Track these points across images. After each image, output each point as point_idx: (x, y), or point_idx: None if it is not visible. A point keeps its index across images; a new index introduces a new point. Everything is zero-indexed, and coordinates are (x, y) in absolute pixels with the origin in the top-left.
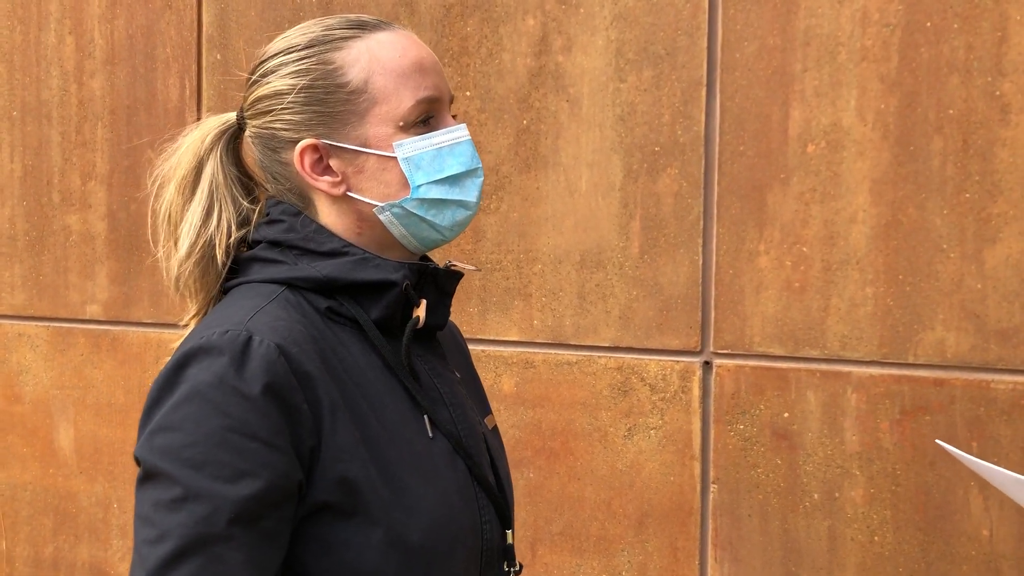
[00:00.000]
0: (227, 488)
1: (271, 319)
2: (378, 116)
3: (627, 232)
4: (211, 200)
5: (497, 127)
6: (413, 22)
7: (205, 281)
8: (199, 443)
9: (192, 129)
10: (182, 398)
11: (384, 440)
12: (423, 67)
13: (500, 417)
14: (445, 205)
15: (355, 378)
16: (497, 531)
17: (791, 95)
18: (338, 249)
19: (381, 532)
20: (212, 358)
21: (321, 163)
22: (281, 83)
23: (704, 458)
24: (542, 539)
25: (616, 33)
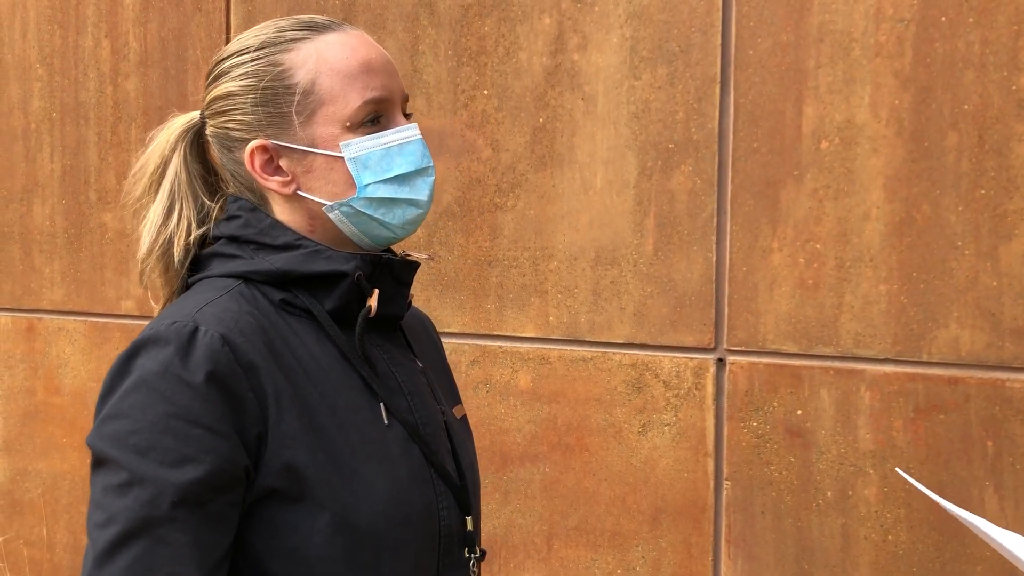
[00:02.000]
0: (171, 472)
1: (219, 311)
2: (325, 117)
3: (641, 229)
4: (172, 198)
5: (514, 125)
6: (432, 22)
7: (168, 277)
8: (144, 429)
9: (160, 129)
10: (130, 387)
11: (334, 427)
12: (371, 67)
13: (516, 413)
14: (395, 204)
15: (307, 367)
16: (455, 517)
17: (805, 91)
18: (292, 242)
19: (328, 516)
20: (159, 348)
21: (271, 163)
22: (233, 84)
23: (718, 455)
24: (557, 533)
25: (631, 31)
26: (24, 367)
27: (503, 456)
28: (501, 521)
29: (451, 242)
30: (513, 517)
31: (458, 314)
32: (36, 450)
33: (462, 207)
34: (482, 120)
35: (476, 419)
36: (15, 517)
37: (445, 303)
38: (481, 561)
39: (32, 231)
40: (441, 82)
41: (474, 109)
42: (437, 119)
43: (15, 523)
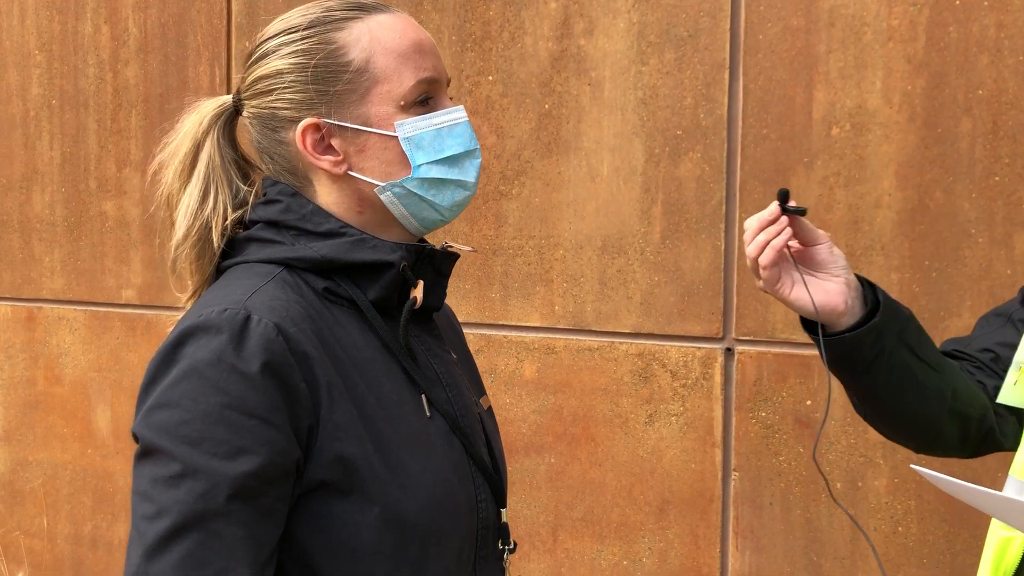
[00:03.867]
0: (225, 465)
1: (269, 298)
2: (379, 95)
3: (649, 217)
4: (207, 182)
5: (519, 112)
6: (436, 7)
7: (201, 263)
8: (196, 420)
9: (190, 113)
10: (180, 375)
11: (382, 419)
12: (422, 48)
13: (521, 403)
14: (444, 185)
15: (352, 358)
16: (492, 509)
17: (815, 77)
18: (335, 230)
19: (377, 509)
20: (210, 336)
21: (323, 142)
22: (282, 62)
23: (726, 445)
24: (563, 524)
25: (638, 15)
26: (24, 357)
27: (508, 447)
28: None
29: (455, 230)
30: (518, 508)
31: (463, 303)
32: (36, 440)
33: None
34: (487, 106)
35: None
36: (15, 507)
37: (449, 292)
38: (512, 553)
39: (32, 219)
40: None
41: (479, 95)
42: None
43: (15, 513)
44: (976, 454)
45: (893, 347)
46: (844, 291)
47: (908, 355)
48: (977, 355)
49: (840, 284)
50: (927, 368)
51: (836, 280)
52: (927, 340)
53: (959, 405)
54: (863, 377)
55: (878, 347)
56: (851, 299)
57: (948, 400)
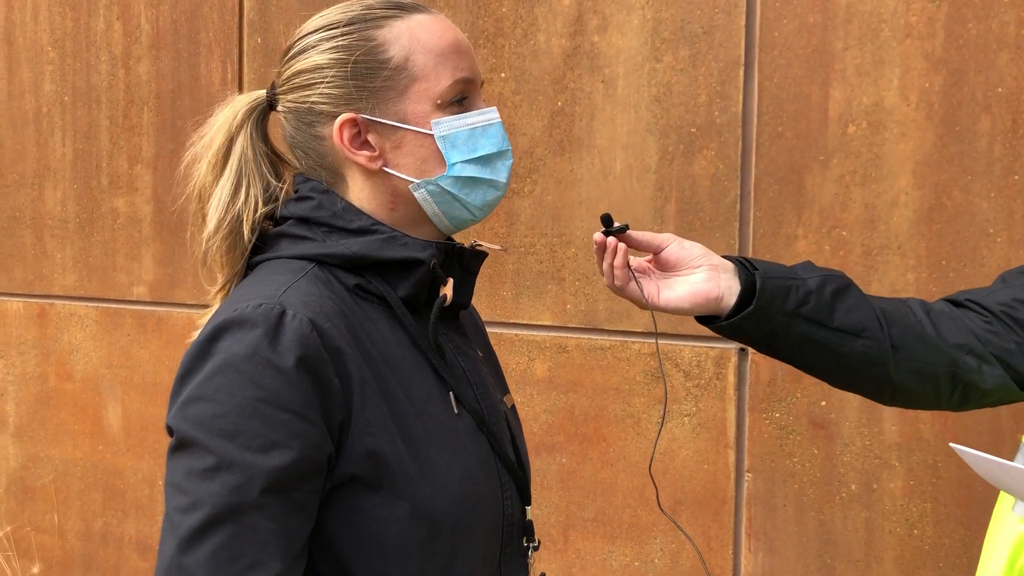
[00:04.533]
0: (259, 458)
1: (303, 294)
2: (417, 93)
3: (662, 215)
4: (240, 176)
5: (531, 109)
6: (449, 3)
7: (231, 256)
8: (231, 413)
9: (223, 107)
10: (215, 369)
11: (411, 415)
12: (460, 49)
13: (533, 402)
14: (477, 184)
15: (383, 354)
16: (517, 507)
17: (832, 74)
18: (367, 227)
19: (407, 505)
20: (245, 330)
21: (359, 137)
22: (322, 57)
23: (739, 446)
24: (574, 525)
25: (652, 12)
26: (36, 353)
27: None
28: None
29: (467, 229)
30: None
31: (474, 301)
32: (48, 436)
33: None
34: (499, 103)
35: None
36: (26, 503)
37: None
38: (536, 550)
39: (44, 216)
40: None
41: (491, 92)
42: None
43: (26, 509)
44: (963, 408)
45: (786, 324)
46: (712, 276)
47: (811, 327)
48: (993, 307)
49: (704, 271)
50: (844, 336)
51: (699, 270)
52: (853, 305)
53: (915, 364)
54: (769, 353)
55: (765, 328)
56: (724, 282)
57: (891, 363)
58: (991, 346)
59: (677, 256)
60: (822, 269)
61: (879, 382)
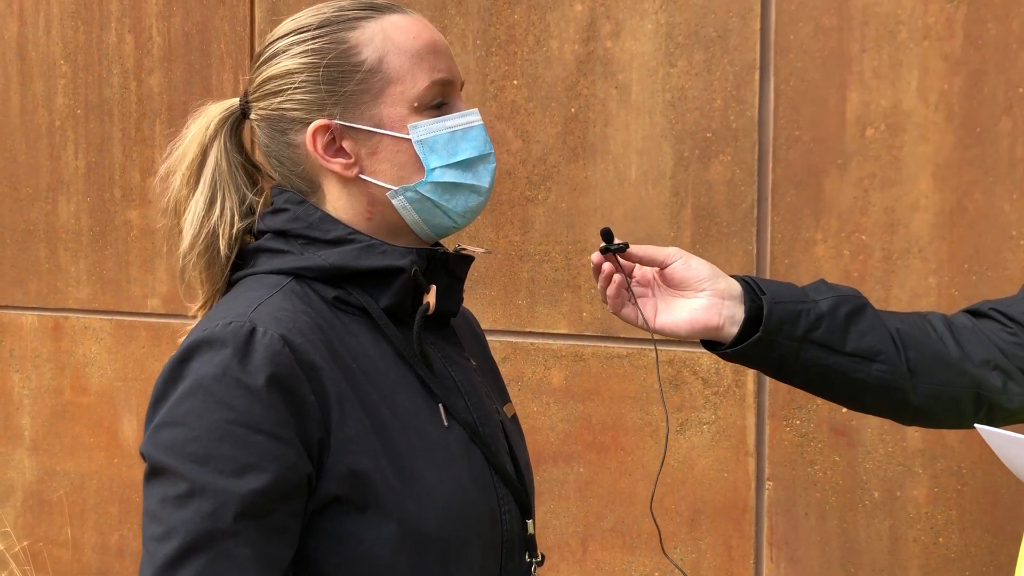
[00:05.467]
0: (233, 482)
1: (275, 309)
2: (392, 96)
3: (678, 221)
4: (214, 189)
5: (545, 116)
6: (460, 11)
7: (211, 273)
8: (203, 437)
9: (196, 117)
10: (185, 392)
11: (396, 430)
12: (437, 49)
13: (549, 411)
14: (458, 190)
15: (364, 368)
16: (517, 521)
17: (849, 77)
18: (344, 237)
19: (394, 524)
20: (215, 350)
21: (334, 144)
22: (293, 62)
23: (759, 454)
24: (593, 535)
25: (666, 17)
26: (51, 366)
27: (536, 455)
28: None
29: (481, 236)
30: (547, 518)
31: (488, 310)
32: (63, 450)
33: (492, 200)
34: (512, 111)
35: None
36: (42, 517)
37: (475, 299)
38: (540, 566)
39: (57, 229)
40: (470, 72)
41: (504, 100)
42: None
43: (42, 523)
44: None
45: (796, 350)
46: (714, 304)
47: (822, 353)
48: (1018, 316)
49: (706, 298)
50: (858, 361)
51: (701, 295)
52: (867, 327)
53: (935, 388)
54: (779, 378)
55: (774, 354)
56: (727, 309)
57: (908, 388)
58: (1016, 359)
59: (682, 276)
60: (836, 288)
61: (897, 407)
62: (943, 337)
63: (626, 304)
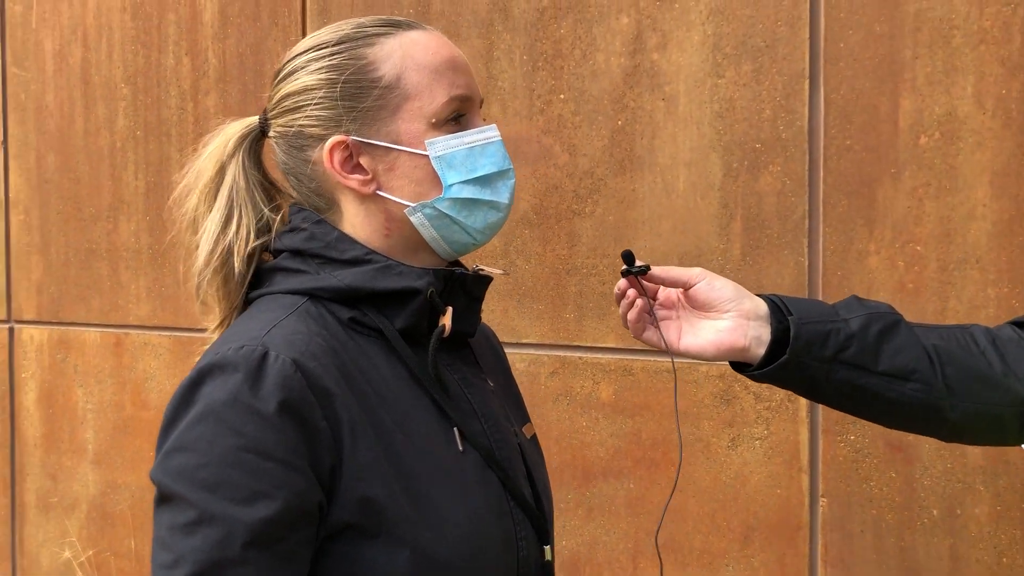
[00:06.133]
0: (242, 511)
1: (288, 332)
2: (410, 112)
3: (728, 233)
4: (231, 207)
5: (591, 129)
6: (507, 27)
7: (226, 290)
8: (213, 464)
9: (214, 135)
10: (196, 417)
11: (410, 455)
12: (455, 65)
13: (598, 426)
14: (477, 206)
15: (379, 391)
16: (534, 547)
17: (901, 84)
18: (360, 257)
19: (408, 551)
20: (227, 375)
21: (351, 161)
22: (310, 79)
23: (813, 470)
24: (643, 552)
25: (713, 27)
26: (112, 382)
27: (585, 471)
28: (584, 538)
29: (528, 250)
30: (597, 534)
31: (536, 324)
32: (125, 463)
33: (539, 214)
34: (559, 125)
35: (556, 433)
36: (106, 529)
37: (523, 313)
38: None
39: (119, 248)
40: (516, 88)
41: (550, 114)
42: (513, 126)
43: (106, 535)
44: None
45: (826, 371)
46: (739, 325)
47: (854, 373)
48: None
49: (731, 319)
50: (891, 380)
51: (726, 316)
52: (901, 345)
53: (974, 406)
54: (810, 398)
55: (803, 375)
56: (753, 330)
57: (946, 406)
58: None
59: (706, 297)
60: (867, 305)
61: (934, 425)
62: (985, 352)
63: (648, 328)
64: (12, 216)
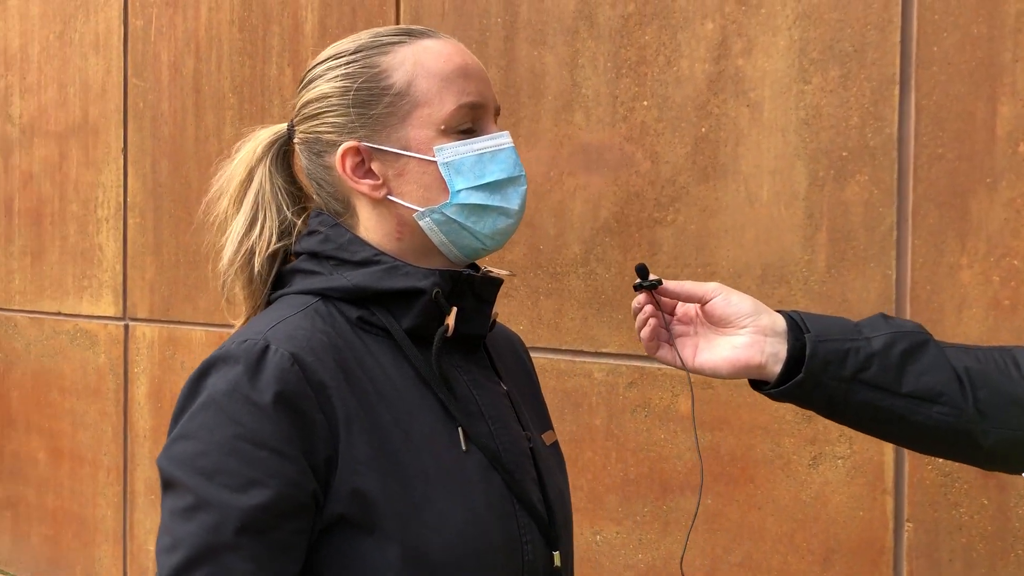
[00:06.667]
0: (236, 497)
1: (292, 328)
2: (420, 119)
3: (812, 244)
4: (256, 210)
5: (674, 136)
6: (592, 34)
7: (250, 290)
8: (211, 452)
9: (246, 141)
10: (199, 407)
11: (407, 453)
12: (467, 73)
13: (677, 439)
14: (486, 212)
15: (381, 389)
16: (540, 552)
17: (999, 89)
18: (369, 258)
19: (398, 548)
20: (229, 367)
21: (363, 166)
22: (328, 86)
23: (898, 493)
24: (720, 569)
25: (799, 32)
26: None
27: (663, 484)
28: (660, 552)
29: (608, 258)
30: (674, 549)
31: (615, 333)
32: None
33: (620, 222)
34: (641, 132)
35: (633, 444)
36: None
37: (602, 322)
38: None
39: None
40: (600, 95)
41: (633, 121)
42: (596, 133)
43: None
44: None
45: (845, 391)
46: (756, 341)
47: (875, 394)
48: None
49: (748, 335)
50: (917, 402)
51: (742, 332)
52: (928, 366)
53: (1009, 431)
54: (833, 419)
55: (821, 395)
56: (770, 347)
57: (977, 431)
58: None
59: (722, 312)
60: (893, 324)
61: (967, 451)
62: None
63: (662, 345)
64: (129, 219)
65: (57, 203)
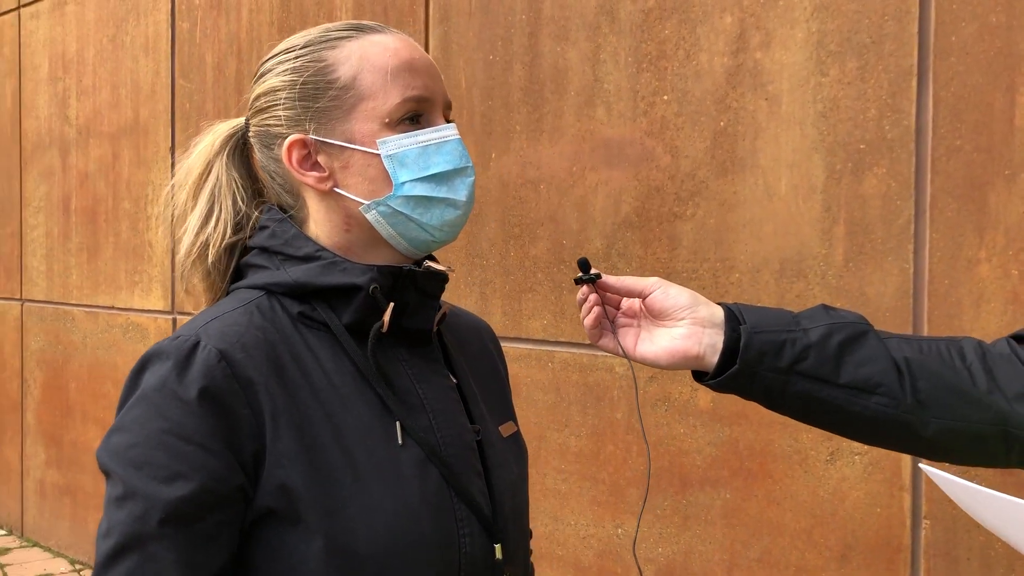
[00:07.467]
0: (161, 489)
1: (226, 325)
2: (364, 112)
3: (830, 238)
4: (212, 203)
5: (693, 130)
6: (614, 29)
7: (209, 282)
8: (141, 444)
9: (205, 135)
10: (135, 401)
11: (338, 447)
12: (413, 67)
13: (696, 434)
14: (432, 203)
15: (315, 384)
16: (480, 545)
17: (1018, 79)
18: (311, 254)
19: (321, 540)
20: (161, 363)
21: (309, 159)
22: (276, 80)
23: (915, 490)
24: (739, 563)
25: (817, 24)
26: None
27: (682, 479)
28: (680, 547)
29: (629, 253)
30: (692, 543)
31: None
32: None
33: (640, 217)
34: (661, 126)
35: (654, 439)
36: None
37: None
38: None
39: None
40: (621, 90)
41: (653, 116)
42: (617, 128)
43: None
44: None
45: (782, 383)
46: (693, 332)
47: (812, 385)
48: None
49: (686, 327)
50: (854, 393)
51: (681, 324)
52: (866, 357)
53: (949, 422)
54: (775, 411)
55: (758, 386)
56: (708, 338)
57: (917, 422)
58: None
59: (661, 305)
60: (835, 314)
61: (908, 442)
62: (971, 367)
63: (605, 334)
64: None
65: (111, 201)
